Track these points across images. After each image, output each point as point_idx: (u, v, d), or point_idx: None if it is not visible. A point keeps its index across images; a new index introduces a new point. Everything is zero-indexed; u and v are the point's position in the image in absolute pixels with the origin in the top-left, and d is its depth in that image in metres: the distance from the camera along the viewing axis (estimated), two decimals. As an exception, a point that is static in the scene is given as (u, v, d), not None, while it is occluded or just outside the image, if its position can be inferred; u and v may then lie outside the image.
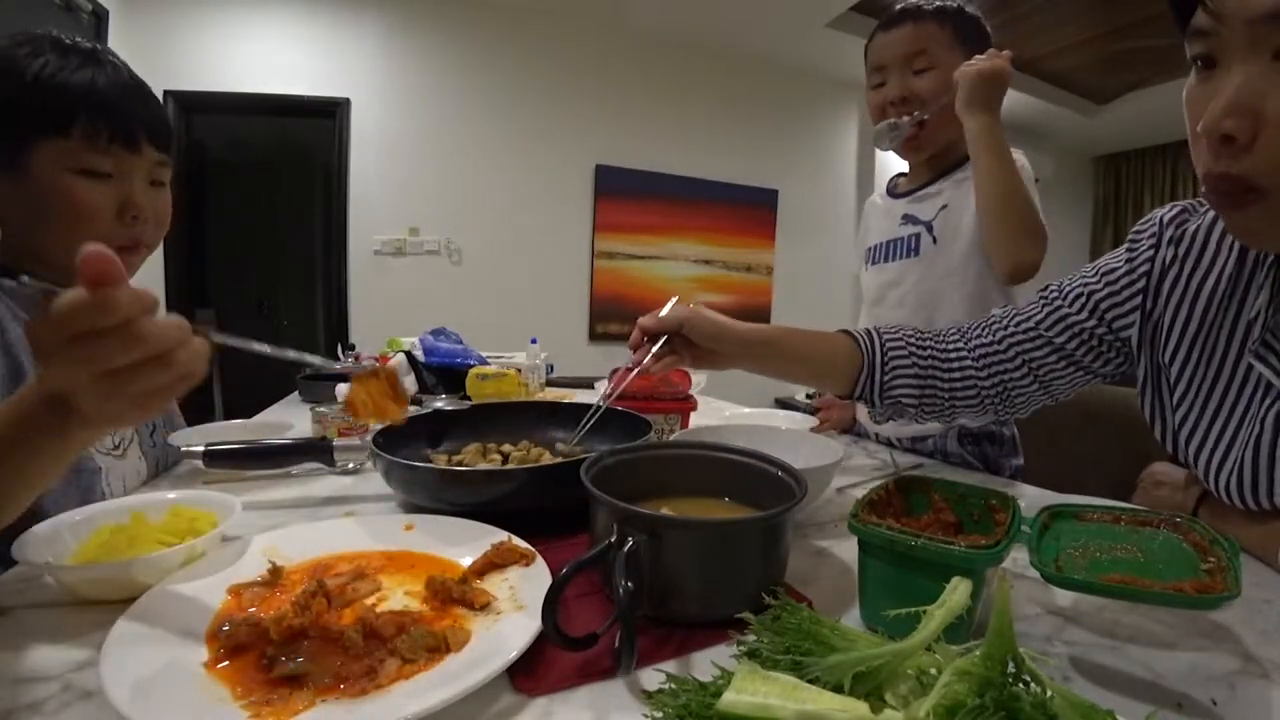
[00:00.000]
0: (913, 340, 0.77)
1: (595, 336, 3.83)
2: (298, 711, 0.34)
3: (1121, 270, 0.71)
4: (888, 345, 0.76)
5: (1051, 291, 0.76)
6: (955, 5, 1.05)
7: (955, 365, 0.77)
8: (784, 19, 3.48)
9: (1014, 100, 4.21)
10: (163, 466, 0.91)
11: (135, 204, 0.75)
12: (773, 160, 4.21)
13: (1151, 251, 0.70)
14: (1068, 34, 3.56)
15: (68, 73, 0.71)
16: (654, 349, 0.70)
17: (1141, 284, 0.70)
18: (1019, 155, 1.03)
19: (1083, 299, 0.73)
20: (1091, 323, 0.72)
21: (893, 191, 1.18)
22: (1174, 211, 0.70)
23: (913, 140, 1.06)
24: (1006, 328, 0.76)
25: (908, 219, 1.11)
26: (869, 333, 0.77)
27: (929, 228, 1.07)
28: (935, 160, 1.10)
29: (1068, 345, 0.73)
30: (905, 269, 1.10)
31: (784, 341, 0.75)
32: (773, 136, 4.20)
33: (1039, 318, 0.75)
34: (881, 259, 1.15)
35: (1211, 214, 0.67)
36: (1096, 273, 0.73)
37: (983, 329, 0.78)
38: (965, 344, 0.78)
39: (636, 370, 0.72)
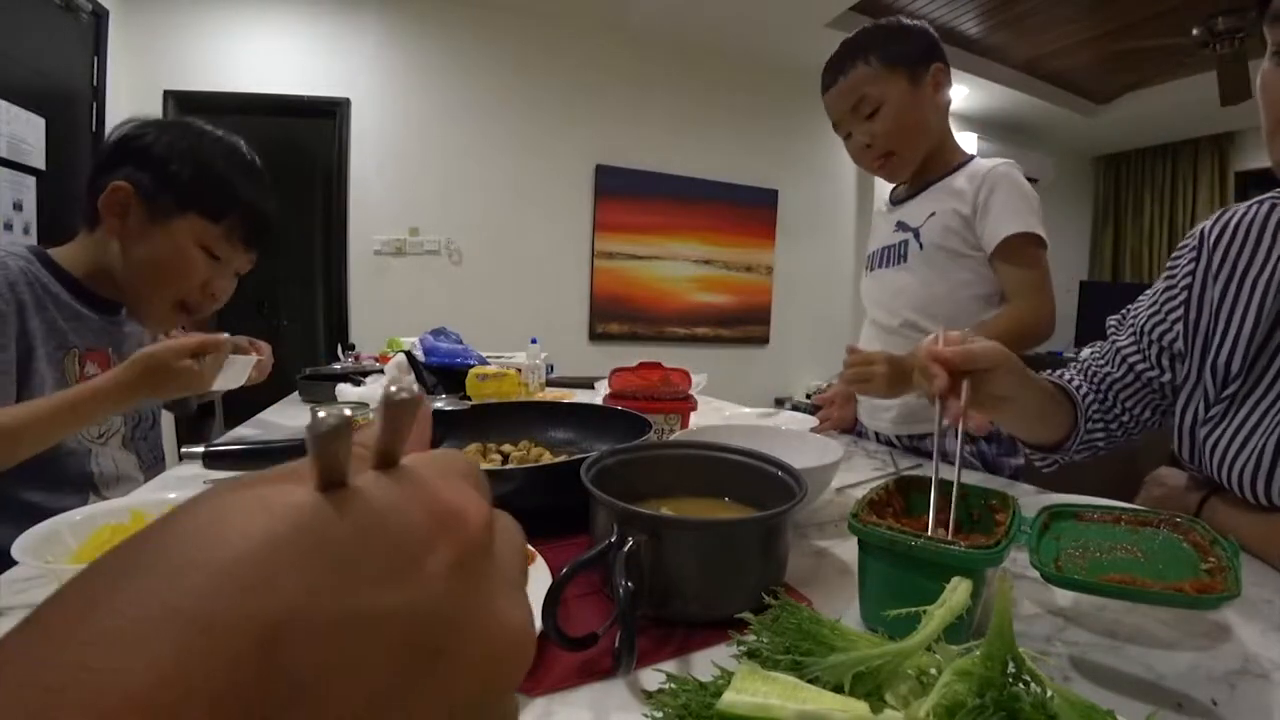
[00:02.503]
0: (1085, 387, 0.79)
1: (595, 336, 3.83)
2: (298, 711, 0.34)
3: (1161, 289, 0.75)
4: (1085, 399, 0.77)
5: (1113, 322, 0.81)
6: (872, 27, 1.06)
7: (1109, 399, 0.79)
8: (784, 19, 3.47)
9: (1014, 100, 4.22)
10: (150, 463, 1.00)
11: (219, 287, 0.94)
12: (773, 160, 4.21)
13: (1191, 265, 0.72)
14: (1068, 34, 3.55)
15: (247, 186, 0.91)
16: (964, 390, 0.54)
17: (1183, 296, 0.72)
18: (1008, 166, 1.02)
19: (1134, 332, 0.77)
20: (1142, 348, 0.76)
21: (894, 199, 1.19)
22: (1213, 220, 0.72)
23: (883, 168, 1.09)
24: (1097, 362, 0.80)
25: (900, 226, 1.11)
26: (1068, 388, 0.77)
27: (916, 234, 1.07)
28: (923, 170, 1.11)
29: (1137, 366, 0.77)
30: (896, 276, 1.11)
31: (1047, 404, 0.71)
32: (773, 136, 4.20)
33: (1107, 350, 0.80)
34: (877, 265, 1.16)
35: (1262, 206, 0.67)
36: (1143, 301, 0.78)
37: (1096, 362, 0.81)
38: (1087, 381, 0.80)
39: (952, 423, 0.54)
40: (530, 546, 0.53)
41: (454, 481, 0.16)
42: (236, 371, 0.97)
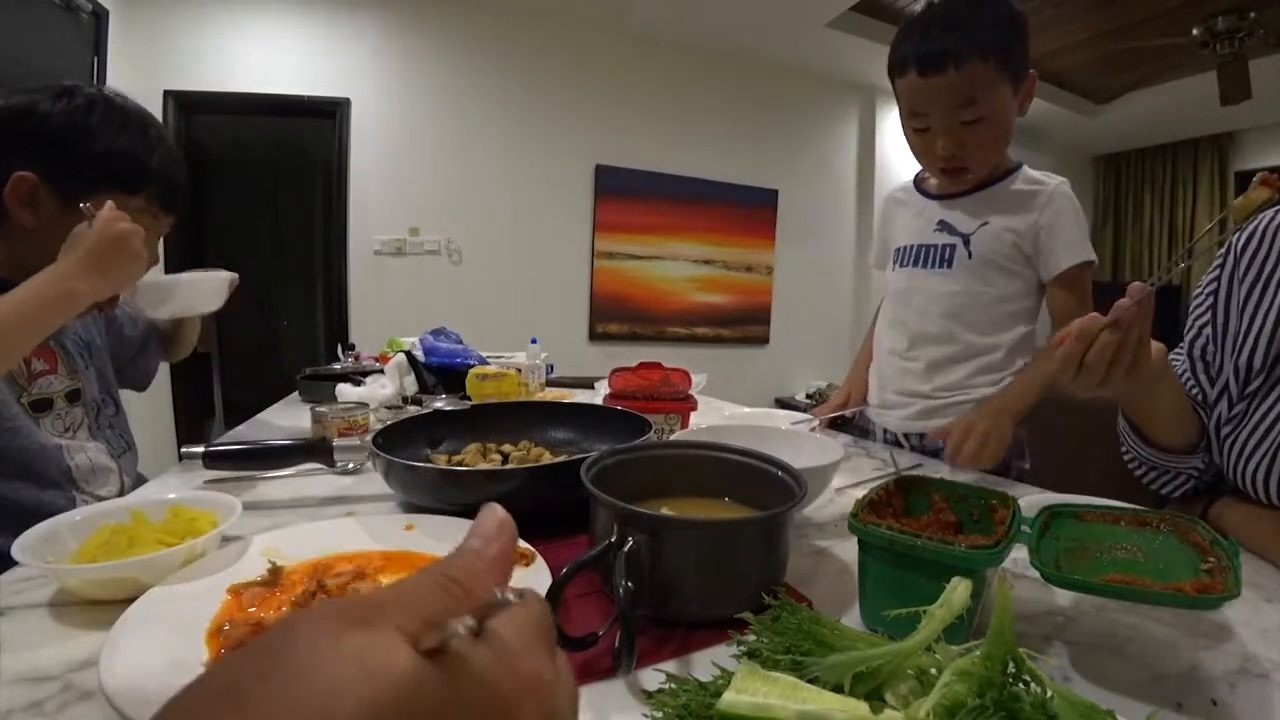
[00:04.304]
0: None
1: (595, 336, 3.83)
2: (298, 711, 0.34)
3: (1193, 305, 0.77)
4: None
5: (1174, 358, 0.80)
6: (990, 17, 0.90)
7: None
8: (784, 19, 3.47)
9: (1014, 100, 4.22)
10: (120, 449, 0.98)
11: (148, 258, 0.86)
12: (773, 160, 4.20)
13: (1217, 272, 0.73)
14: (1068, 34, 3.56)
15: (158, 152, 0.87)
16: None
17: (1209, 302, 0.73)
18: (1065, 185, 0.99)
19: (1187, 357, 0.77)
20: (1193, 369, 0.76)
21: (922, 187, 1.12)
22: (1241, 229, 0.73)
23: (950, 177, 1.02)
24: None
25: (944, 226, 1.06)
26: (1191, 396, 0.75)
27: (966, 241, 1.03)
28: None
29: (1191, 391, 0.76)
30: (937, 279, 1.06)
31: (1183, 401, 0.72)
32: (773, 136, 4.19)
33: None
34: (910, 262, 1.10)
35: None
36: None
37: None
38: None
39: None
40: (530, 546, 0.53)
41: (535, 649, 0.17)
42: (213, 292, 0.95)
